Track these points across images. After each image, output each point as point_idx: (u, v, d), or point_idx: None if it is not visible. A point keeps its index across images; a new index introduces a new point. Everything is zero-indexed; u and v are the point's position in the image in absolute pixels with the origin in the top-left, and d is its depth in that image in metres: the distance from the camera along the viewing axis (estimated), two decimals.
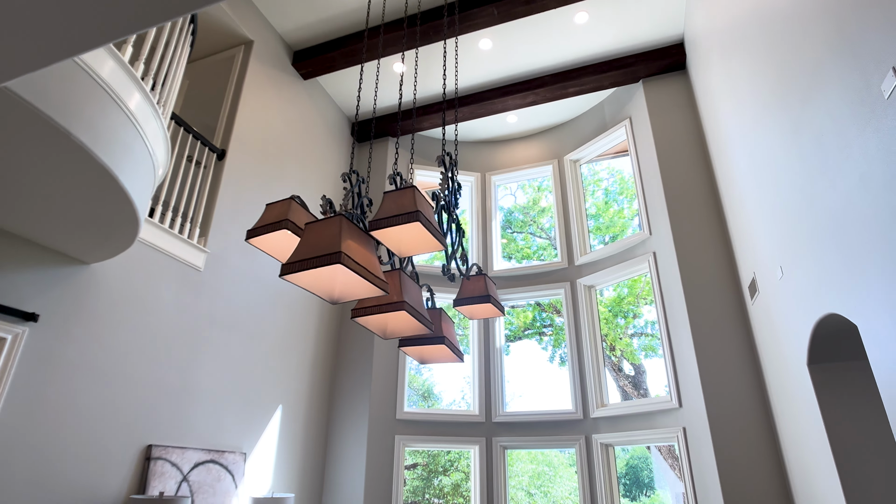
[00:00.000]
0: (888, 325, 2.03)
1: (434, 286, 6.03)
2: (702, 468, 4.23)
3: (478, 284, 2.71)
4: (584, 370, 5.44)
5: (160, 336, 3.59)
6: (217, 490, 3.81)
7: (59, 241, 2.83)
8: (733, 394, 4.24)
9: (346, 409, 5.35)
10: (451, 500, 9.34)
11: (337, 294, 1.99)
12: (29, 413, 2.76)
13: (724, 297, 4.55)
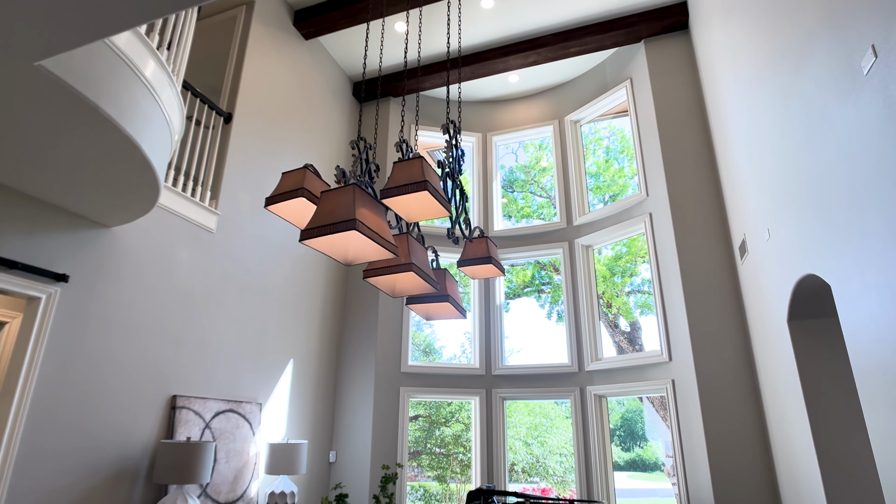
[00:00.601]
0: (856, 285, 2.22)
1: (438, 247, 6.21)
2: (688, 417, 4.53)
3: (480, 246, 2.88)
4: (580, 326, 5.69)
5: (178, 295, 3.80)
6: (236, 437, 4.11)
7: (84, 207, 2.98)
8: (720, 349, 4.49)
9: (353, 362, 5.63)
10: (452, 450, 9.79)
11: (351, 256, 2.17)
12: (66, 366, 2.99)
13: (715, 258, 4.73)
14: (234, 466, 4.02)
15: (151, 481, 3.41)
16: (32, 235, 2.86)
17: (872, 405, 2.22)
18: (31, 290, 2.82)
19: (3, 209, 2.74)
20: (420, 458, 9.53)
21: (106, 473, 3.14)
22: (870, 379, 2.21)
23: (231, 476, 3.97)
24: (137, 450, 3.35)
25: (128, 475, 3.27)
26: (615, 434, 10.71)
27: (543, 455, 10.25)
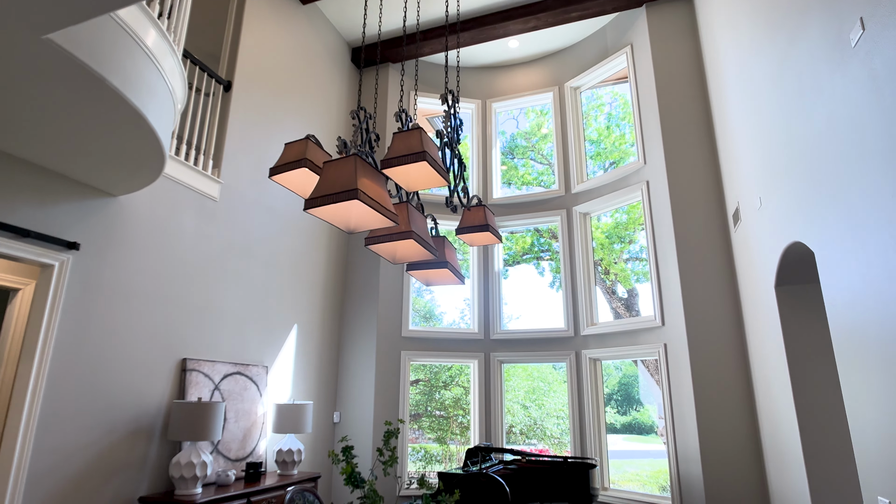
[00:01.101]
0: (836, 252, 2.32)
1: (437, 215, 6.29)
2: (679, 379, 4.70)
3: (477, 214, 2.97)
4: (577, 292, 5.83)
5: (184, 262, 3.90)
6: (244, 398, 4.29)
7: (92, 177, 3.05)
8: (711, 314, 4.63)
9: (355, 327, 5.79)
10: (451, 412, 10.08)
11: (353, 225, 2.26)
12: (81, 330, 3.12)
13: (710, 226, 4.82)
14: (243, 426, 4.21)
15: (166, 438, 3.59)
16: (43, 205, 2.94)
17: (846, 364, 2.35)
18: (44, 257, 2.93)
19: (15, 179, 2.82)
20: (420, 421, 9.84)
21: (123, 431, 3.31)
22: (845, 340, 2.33)
23: (240, 435, 4.17)
24: (152, 409, 3.52)
25: (144, 432, 3.45)
26: (613, 399, 11.06)
27: (541, 417, 10.57)
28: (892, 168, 1.80)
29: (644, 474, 7.36)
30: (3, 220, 2.73)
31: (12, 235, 2.76)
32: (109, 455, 3.21)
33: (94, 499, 3.11)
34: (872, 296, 2.03)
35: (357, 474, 2.04)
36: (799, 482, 3.25)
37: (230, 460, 4.01)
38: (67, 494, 2.97)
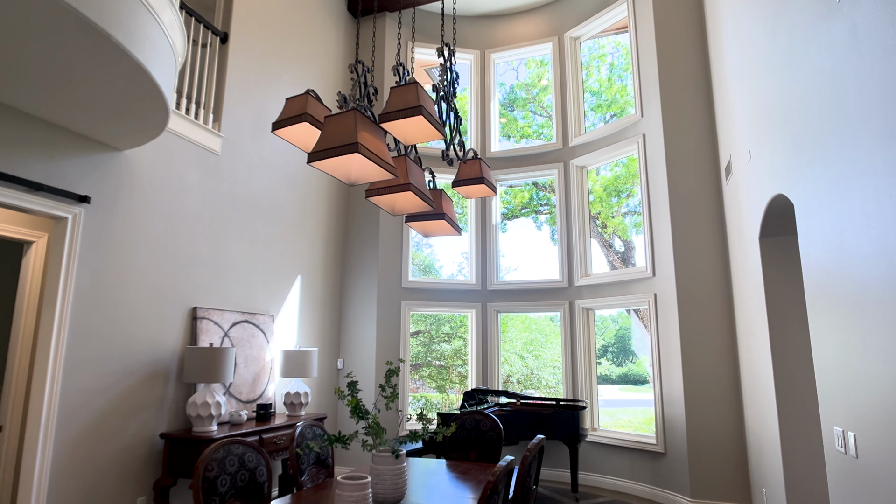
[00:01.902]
0: (813, 205, 2.44)
1: (435, 168, 6.36)
2: (667, 328, 4.92)
3: (473, 168, 3.07)
4: (572, 243, 5.98)
5: (191, 215, 4.02)
6: (253, 344, 4.51)
7: (99, 131, 3.13)
8: (700, 265, 4.79)
9: (356, 278, 5.98)
10: (451, 363, 10.45)
11: (354, 177, 2.37)
12: (97, 281, 3.28)
13: (703, 179, 4.91)
14: (252, 370, 4.44)
15: (181, 381, 3.83)
16: (53, 159, 3.03)
17: (815, 310, 2.52)
18: (57, 210, 3.05)
19: (26, 135, 2.90)
20: (421, 371, 10.22)
21: (142, 374, 3.53)
22: (815, 287, 2.49)
23: (250, 379, 4.41)
24: (167, 354, 3.73)
25: (160, 376, 3.67)
26: (609, 350, 11.41)
27: (538, 367, 10.96)
28: (865, 124, 1.89)
29: (636, 421, 7.73)
30: (17, 175, 2.84)
31: (26, 189, 2.87)
32: (131, 395, 3.44)
33: (120, 434, 3.36)
34: (841, 246, 2.17)
35: (362, 406, 2.23)
36: (770, 419, 3.50)
37: (241, 402, 4.27)
38: (95, 430, 3.21)
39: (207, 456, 2.25)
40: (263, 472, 2.48)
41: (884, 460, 1.94)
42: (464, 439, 3.60)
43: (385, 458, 2.32)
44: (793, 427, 3.28)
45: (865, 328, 2.01)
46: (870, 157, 1.89)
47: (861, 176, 1.95)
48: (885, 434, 1.91)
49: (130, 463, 3.42)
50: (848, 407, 2.23)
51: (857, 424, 2.15)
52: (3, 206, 2.81)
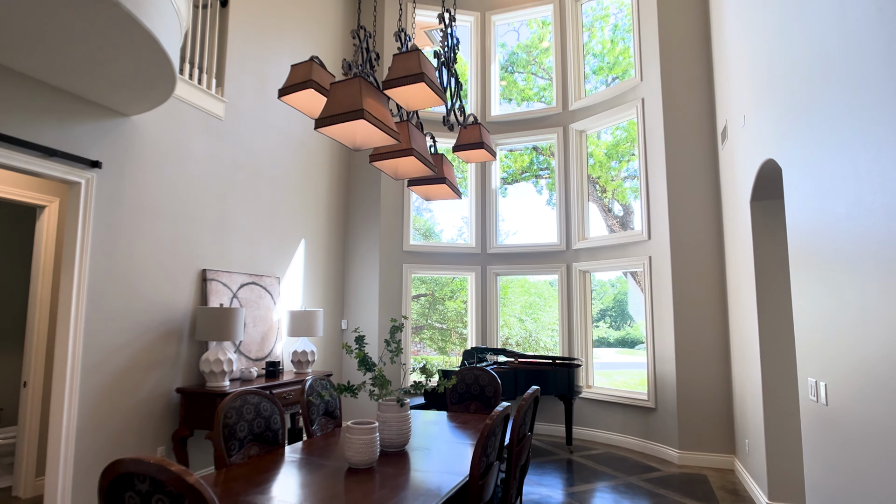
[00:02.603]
0: (799, 169, 2.55)
1: (436, 133, 6.40)
2: (660, 289, 5.08)
3: (473, 132, 3.15)
4: (570, 207, 6.09)
5: (197, 180, 4.12)
6: (260, 305, 4.68)
7: (108, 97, 3.20)
8: (694, 228, 4.91)
9: (359, 242, 6.11)
10: (451, 325, 10.71)
11: (359, 142, 2.46)
12: (111, 244, 3.41)
13: (699, 143, 4.98)
14: (261, 330, 4.63)
15: (194, 339, 4.01)
16: (63, 125, 3.12)
17: (797, 268, 2.66)
18: (70, 175, 3.15)
19: (38, 101, 2.98)
20: (422, 333, 10.49)
21: (157, 332, 3.71)
22: (798, 249, 2.62)
23: (259, 338, 4.60)
24: (179, 314, 3.90)
25: (174, 334, 3.85)
26: (607, 315, 11.65)
27: (536, 330, 11.23)
28: (847, 92, 1.98)
29: (632, 381, 8.01)
30: (31, 140, 2.93)
31: (41, 155, 2.97)
32: (147, 353, 3.63)
33: (138, 388, 3.56)
34: (822, 209, 2.29)
35: (368, 358, 2.40)
36: (754, 373, 3.70)
37: (251, 360, 4.46)
38: (115, 384, 3.41)
39: (226, 404, 2.43)
40: (277, 420, 2.67)
41: (850, 407, 2.11)
42: (463, 393, 3.80)
43: (390, 406, 2.50)
44: (774, 380, 3.47)
45: (840, 286, 2.16)
46: (849, 125, 1.99)
47: (841, 142, 2.06)
48: (852, 383, 2.08)
49: (150, 415, 3.64)
50: (821, 359, 2.40)
51: (829, 375, 2.32)
52: (18, 170, 2.91)
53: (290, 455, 2.44)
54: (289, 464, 2.30)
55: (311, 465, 2.29)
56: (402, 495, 1.90)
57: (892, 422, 1.76)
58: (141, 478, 1.33)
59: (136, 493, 1.34)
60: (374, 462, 2.25)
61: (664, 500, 3.81)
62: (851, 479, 2.12)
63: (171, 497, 1.30)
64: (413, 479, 2.10)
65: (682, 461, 4.73)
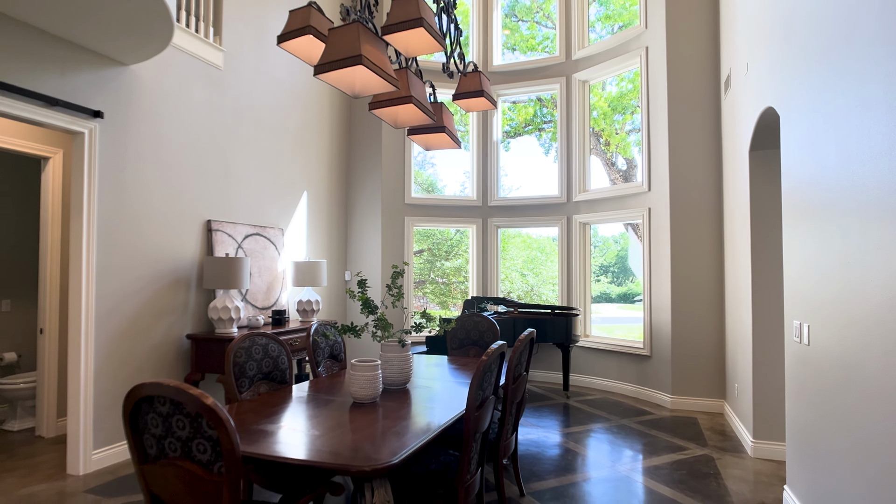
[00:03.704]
0: (796, 117, 2.56)
1: (436, 82, 6.32)
2: (658, 239, 5.15)
3: (473, 80, 3.14)
4: (571, 159, 6.08)
5: (199, 130, 4.14)
6: (265, 256, 4.78)
7: (107, 46, 3.18)
8: (693, 179, 4.93)
9: (360, 194, 6.16)
10: (452, 279, 10.87)
11: (357, 89, 2.48)
12: (118, 194, 3.47)
13: (702, 94, 4.92)
14: (266, 280, 4.75)
15: (202, 288, 4.13)
16: (65, 75, 3.12)
17: (789, 217, 2.71)
18: (73, 125, 3.18)
19: (39, 50, 2.97)
20: (424, 287, 10.66)
21: (166, 281, 3.82)
22: (791, 196, 2.66)
23: (264, 287, 4.72)
24: (186, 263, 4.00)
25: (182, 283, 3.96)
26: (610, 270, 11.81)
27: (537, 284, 11.40)
28: (842, 37, 1.98)
29: (631, 335, 8.22)
30: (33, 89, 2.95)
31: (42, 104, 2.99)
32: (157, 300, 3.75)
33: (150, 334, 3.70)
34: (814, 156, 2.32)
35: (370, 301, 2.50)
36: (745, 320, 3.81)
37: (258, 308, 4.60)
38: (128, 330, 3.55)
39: (236, 344, 2.55)
40: (285, 360, 2.80)
41: (830, 347, 2.22)
42: (463, 339, 3.94)
43: (392, 346, 2.62)
44: (763, 326, 3.59)
45: (825, 232, 2.22)
46: (842, 72, 2.00)
47: (834, 89, 2.07)
48: (832, 324, 2.17)
49: (162, 360, 3.80)
50: (806, 302, 2.49)
51: (812, 317, 2.41)
52: (22, 120, 2.94)
53: (298, 392, 2.59)
54: (297, 399, 2.44)
55: (317, 400, 2.44)
56: (404, 425, 2.03)
57: (866, 359, 1.87)
58: (161, 400, 1.44)
59: (157, 414, 1.46)
60: (377, 397, 2.39)
61: (655, 440, 4.01)
62: (827, 412, 2.25)
63: (189, 417, 1.42)
64: (414, 411, 2.24)
65: (675, 405, 4.93)
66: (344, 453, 1.69)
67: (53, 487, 3.07)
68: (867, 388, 1.86)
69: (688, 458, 3.62)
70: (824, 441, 2.28)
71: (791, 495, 2.74)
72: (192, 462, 1.44)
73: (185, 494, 1.46)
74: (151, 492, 1.55)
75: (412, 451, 1.75)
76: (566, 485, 3.14)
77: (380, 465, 1.60)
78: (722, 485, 3.14)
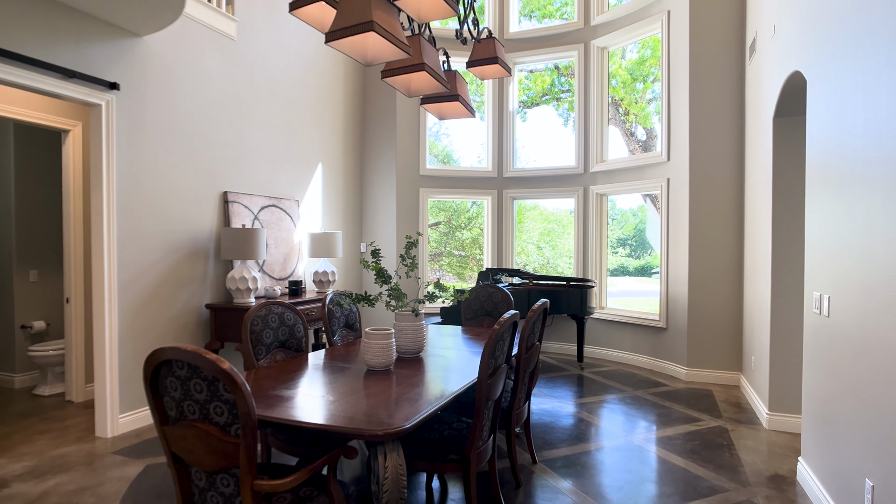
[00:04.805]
0: (823, 80, 2.46)
1: (449, 50, 6.20)
2: (677, 210, 5.06)
3: (487, 47, 3.07)
4: (589, 129, 5.97)
5: (213, 102, 4.14)
6: (281, 227, 4.82)
7: (120, 16, 3.17)
8: (714, 149, 4.80)
9: (375, 166, 6.14)
10: (469, 251, 10.87)
11: (370, 56, 2.44)
12: (136, 166, 3.51)
13: (726, 60, 4.75)
14: (283, 251, 4.80)
15: (220, 258, 4.19)
16: (80, 46, 3.13)
17: (813, 185, 2.63)
18: (90, 97, 3.20)
19: (54, 22, 2.98)
20: (440, 260, 10.70)
21: (184, 251, 3.89)
22: (815, 163, 2.58)
23: (281, 258, 4.78)
24: (204, 234, 4.06)
25: (200, 253, 4.03)
26: (627, 243, 11.71)
27: (553, 257, 11.35)
28: None
29: (647, 308, 8.19)
30: (50, 61, 2.96)
31: (60, 76, 3.01)
32: (176, 270, 3.83)
33: (170, 304, 3.79)
34: (840, 122, 2.24)
35: (384, 270, 2.52)
36: (764, 291, 3.76)
37: (274, 279, 4.67)
38: (150, 299, 3.63)
39: (252, 313, 2.60)
40: (301, 329, 2.85)
41: (848, 317, 2.18)
42: (477, 310, 3.96)
43: (406, 315, 2.65)
44: (782, 297, 3.53)
45: (850, 201, 2.15)
46: (874, 34, 1.91)
47: (864, 51, 1.98)
48: (853, 295, 2.13)
49: (183, 328, 3.89)
50: (827, 273, 2.44)
51: (833, 288, 2.36)
52: (40, 92, 2.97)
53: (314, 360, 2.64)
54: (312, 367, 2.49)
55: (333, 367, 2.48)
56: (417, 391, 2.07)
57: (887, 331, 1.83)
58: (179, 364, 1.48)
59: (175, 377, 1.51)
60: (391, 365, 2.43)
61: (669, 411, 4.02)
62: (846, 384, 2.22)
63: (206, 381, 1.46)
64: (427, 379, 2.27)
65: (690, 378, 4.92)
66: (358, 418, 1.73)
67: (83, 449, 3.20)
68: (887, 361, 1.83)
69: (701, 429, 3.63)
70: (841, 413, 2.26)
71: (805, 467, 2.74)
72: (210, 424, 1.49)
73: (204, 454, 1.51)
74: (173, 452, 1.61)
75: (425, 416, 1.78)
76: (578, 453, 3.18)
77: (392, 429, 1.63)
78: (735, 455, 3.15)
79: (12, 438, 3.37)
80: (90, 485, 2.72)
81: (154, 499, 2.57)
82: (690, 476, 2.86)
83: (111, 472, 2.87)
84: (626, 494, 2.64)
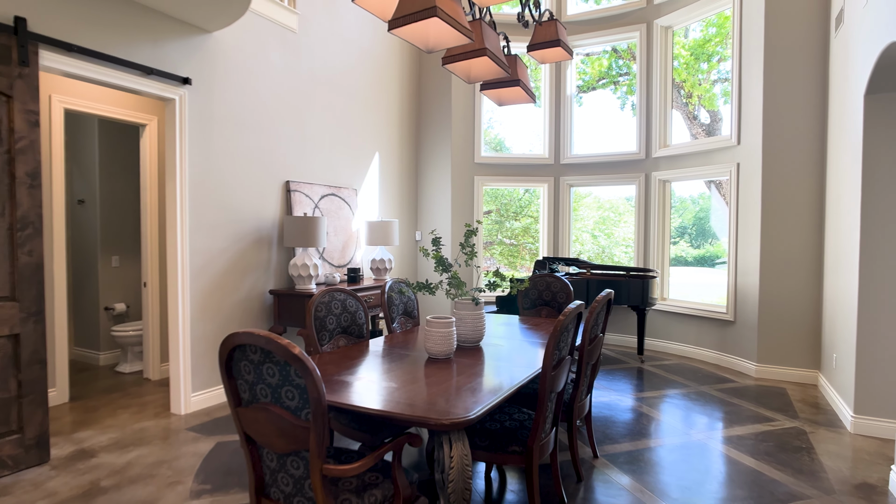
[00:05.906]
0: None
1: (509, 34, 6.09)
2: (748, 197, 4.77)
3: (549, 30, 2.98)
4: (651, 112, 5.71)
5: (276, 94, 4.25)
6: (340, 216, 4.91)
7: (190, 14, 3.30)
8: (791, 131, 4.48)
9: (430, 154, 6.14)
10: (521, 240, 10.75)
11: (431, 43, 2.42)
12: (205, 157, 3.67)
13: (807, 34, 4.40)
14: (342, 239, 4.90)
15: (282, 246, 4.33)
16: (157, 44, 3.28)
17: None
18: (165, 92, 3.35)
19: (134, 21, 3.13)
20: (492, 248, 10.64)
21: (250, 239, 4.03)
22: None
23: (340, 246, 4.88)
24: (267, 222, 4.19)
25: (265, 241, 4.17)
26: (687, 232, 11.28)
27: (609, 246, 11.05)
28: None
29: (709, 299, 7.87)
30: (131, 60, 3.12)
31: (140, 73, 3.17)
32: (242, 258, 3.98)
33: (237, 289, 3.95)
34: None
35: (445, 259, 2.51)
36: (850, 284, 3.48)
37: (334, 266, 4.78)
38: (219, 285, 3.80)
39: (316, 299, 2.66)
40: (362, 315, 2.90)
41: None
42: (535, 300, 3.90)
43: (466, 304, 2.63)
44: (872, 290, 3.26)
45: None
46: None
47: None
48: None
49: (248, 312, 4.05)
50: None
51: None
52: (122, 88, 3.14)
53: (374, 346, 2.67)
54: (373, 353, 2.53)
55: (393, 354, 2.51)
56: (478, 381, 2.05)
57: None
58: (253, 349, 1.53)
59: (249, 361, 1.56)
60: (451, 353, 2.42)
61: (737, 409, 3.83)
62: None
63: (278, 365, 1.50)
64: (487, 369, 2.25)
65: (760, 374, 4.67)
66: (420, 406, 1.73)
67: (160, 424, 3.41)
68: None
69: (776, 429, 3.43)
70: None
71: None
72: (282, 407, 1.53)
73: (275, 437, 1.56)
74: (245, 433, 1.67)
75: (490, 406, 1.76)
76: (641, 449, 3.08)
77: (458, 418, 1.62)
78: (816, 460, 2.96)
79: (99, 412, 3.63)
80: (167, 458, 2.90)
81: (224, 475, 2.70)
82: (765, 479, 2.71)
83: (185, 448, 3.04)
84: (693, 494, 2.54)
